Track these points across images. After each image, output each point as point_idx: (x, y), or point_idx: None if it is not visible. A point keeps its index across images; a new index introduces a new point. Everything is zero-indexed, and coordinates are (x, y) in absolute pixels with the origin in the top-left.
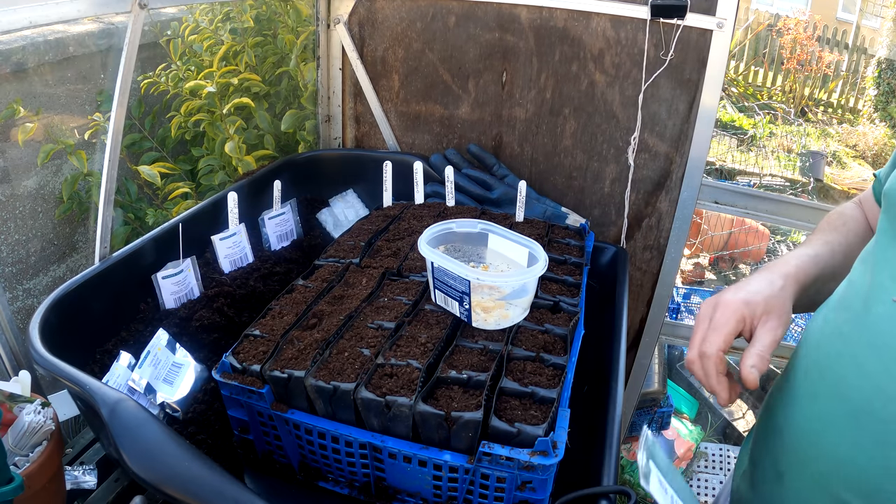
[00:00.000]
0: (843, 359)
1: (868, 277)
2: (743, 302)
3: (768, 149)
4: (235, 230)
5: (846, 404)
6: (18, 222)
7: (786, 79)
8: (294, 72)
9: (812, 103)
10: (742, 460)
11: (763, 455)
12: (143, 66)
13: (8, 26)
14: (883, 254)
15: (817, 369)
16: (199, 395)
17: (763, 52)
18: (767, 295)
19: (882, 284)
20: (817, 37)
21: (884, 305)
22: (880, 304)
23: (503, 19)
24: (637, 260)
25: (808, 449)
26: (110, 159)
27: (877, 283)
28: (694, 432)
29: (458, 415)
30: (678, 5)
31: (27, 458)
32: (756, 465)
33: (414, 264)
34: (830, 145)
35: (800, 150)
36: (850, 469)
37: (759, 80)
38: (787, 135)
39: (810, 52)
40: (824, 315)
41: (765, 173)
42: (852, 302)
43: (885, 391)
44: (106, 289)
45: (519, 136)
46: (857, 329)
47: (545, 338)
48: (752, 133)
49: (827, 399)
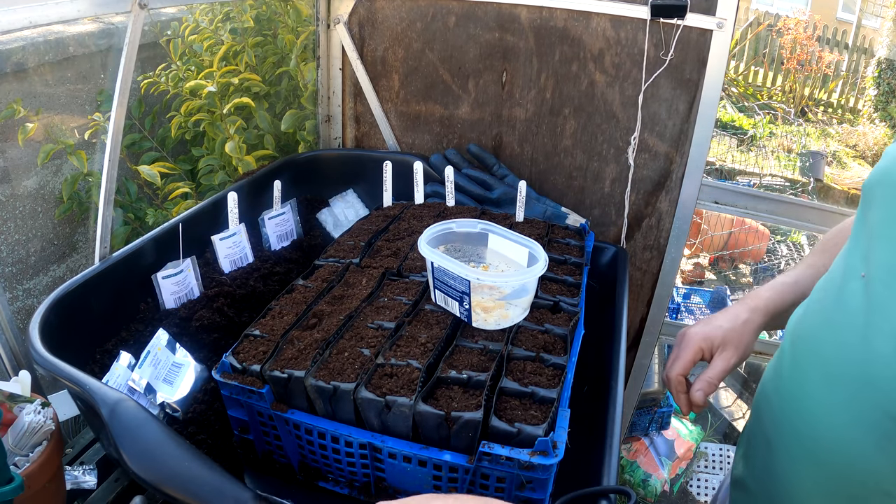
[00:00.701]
0: (823, 330)
1: (843, 260)
2: (702, 337)
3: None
4: (235, 230)
5: (824, 369)
6: (18, 222)
7: (786, 79)
8: (294, 72)
9: (812, 103)
10: (740, 445)
11: (755, 427)
12: (143, 66)
13: (8, 26)
14: (855, 238)
15: (801, 340)
16: (199, 395)
17: (763, 52)
18: (727, 329)
19: (854, 265)
20: (817, 37)
21: (855, 281)
22: (853, 281)
23: (503, 19)
24: (637, 260)
25: (791, 414)
26: (110, 159)
27: (849, 263)
28: (694, 432)
29: (458, 415)
30: (678, 5)
31: (27, 458)
32: (750, 440)
33: (414, 264)
34: (830, 145)
35: (800, 150)
36: (827, 430)
37: (759, 80)
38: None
39: (810, 52)
40: (810, 296)
41: (765, 173)
42: (831, 282)
43: (858, 356)
44: (106, 289)
45: (519, 136)
46: (834, 304)
47: (545, 338)
48: (752, 133)
49: (808, 366)
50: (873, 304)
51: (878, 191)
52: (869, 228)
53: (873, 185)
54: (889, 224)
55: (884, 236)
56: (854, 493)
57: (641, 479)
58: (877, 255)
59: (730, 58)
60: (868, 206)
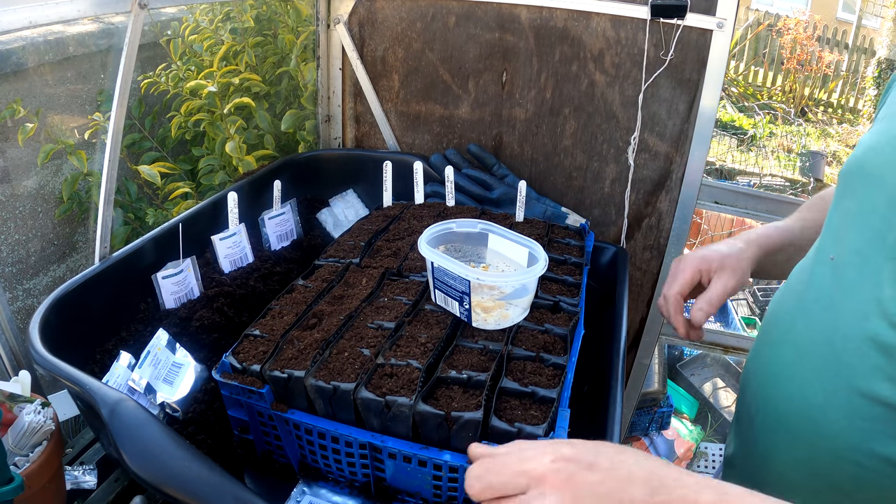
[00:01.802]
0: (795, 311)
1: (817, 242)
2: (700, 258)
3: (768, 149)
4: (235, 230)
5: (796, 347)
6: (18, 222)
7: (786, 79)
8: (294, 72)
9: (812, 103)
10: (732, 423)
11: (741, 406)
12: (143, 66)
13: (8, 26)
14: (829, 221)
15: (776, 321)
16: (199, 395)
17: (763, 52)
18: (725, 254)
19: (824, 246)
20: (817, 37)
21: (822, 265)
22: (821, 264)
23: (503, 19)
24: (637, 260)
25: (768, 390)
26: (110, 159)
27: (821, 245)
28: (694, 432)
29: (458, 415)
30: (678, 5)
31: (27, 458)
32: (738, 419)
33: (414, 264)
34: (830, 145)
35: (800, 150)
36: (801, 405)
37: (759, 80)
38: (787, 135)
39: (810, 52)
40: (788, 278)
41: (765, 173)
42: (804, 264)
43: (826, 336)
44: (106, 289)
45: (519, 136)
46: (805, 286)
47: (545, 338)
48: (752, 133)
49: (782, 344)
50: (842, 286)
51: (850, 180)
52: (842, 214)
53: (847, 173)
54: (861, 212)
55: (856, 224)
56: (828, 464)
57: None
58: (848, 239)
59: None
60: (843, 194)
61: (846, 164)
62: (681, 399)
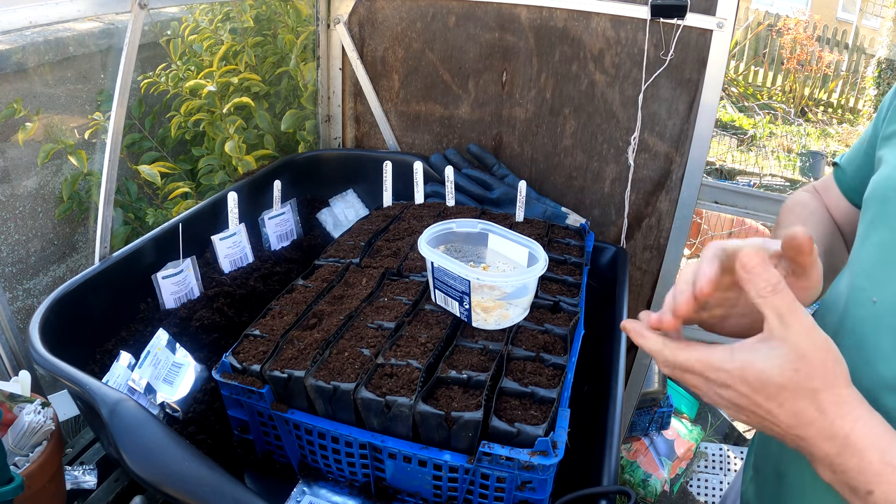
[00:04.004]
0: None
1: (845, 280)
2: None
3: (768, 149)
4: (235, 230)
5: None
6: (18, 222)
7: (786, 79)
8: (294, 72)
9: (812, 103)
10: (747, 467)
11: (764, 460)
12: (143, 66)
13: (8, 26)
14: (860, 255)
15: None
16: (199, 395)
17: (763, 52)
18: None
19: (859, 285)
20: (817, 37)
21: (862, 307)
22: (859, 306)
23: (503, 19)
24: (637, 260)
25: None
26: (110, 159)
27: (854, 284)
28: (694, 432)
29: (458, 415)
30: (678, 5)
31: (27, 458)
32: (759, 470)
33: (414, 264)
34: (830, 145)
35: (800, 150)
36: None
37: (759, 80)
38: (787, 135)
39: (810, 52)
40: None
41: (765, 173)
42: (833, 305)
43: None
44: (106, 289)
45: (519, 136)
46: (841, 331)
47: (545, 338)
48: (752, 133)
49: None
50: (882, 329)
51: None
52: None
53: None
54: None
55: None
56: None
57: (641, 479)
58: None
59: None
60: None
61: (874, 186)
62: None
